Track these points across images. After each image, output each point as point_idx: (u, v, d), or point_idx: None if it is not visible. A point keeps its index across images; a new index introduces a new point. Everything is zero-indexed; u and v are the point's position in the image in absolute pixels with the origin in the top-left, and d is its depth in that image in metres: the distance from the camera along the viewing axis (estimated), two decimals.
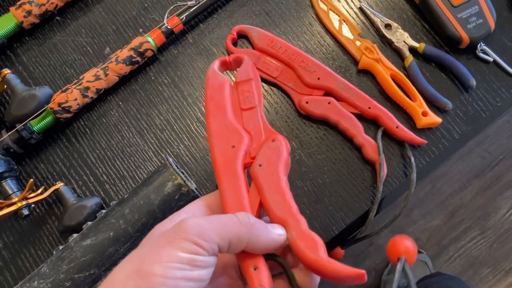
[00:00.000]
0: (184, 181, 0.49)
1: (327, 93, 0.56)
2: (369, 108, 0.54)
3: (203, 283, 0.31)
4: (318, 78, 0.55)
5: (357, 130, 0.54)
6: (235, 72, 0.57)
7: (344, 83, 0.55)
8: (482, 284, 1.38)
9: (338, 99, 0.55)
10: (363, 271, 0.31)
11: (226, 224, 0.32)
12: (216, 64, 0.45)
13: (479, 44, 0.58)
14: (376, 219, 0.55)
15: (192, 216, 0.37)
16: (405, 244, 0.47)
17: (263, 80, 0.58)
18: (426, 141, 0.55)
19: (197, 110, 0.57)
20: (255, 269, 0.33)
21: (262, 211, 0.39)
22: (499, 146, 1.46)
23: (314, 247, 0.33)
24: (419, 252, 1.35)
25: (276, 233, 0.34)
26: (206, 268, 0.31)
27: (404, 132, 0.54)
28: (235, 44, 0.59)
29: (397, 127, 0.54)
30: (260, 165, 0.39)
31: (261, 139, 0.41)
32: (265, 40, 0.57)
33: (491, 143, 1.46)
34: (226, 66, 0.47)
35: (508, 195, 1.43)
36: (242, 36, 0.59)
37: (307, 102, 0.55)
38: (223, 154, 0.39)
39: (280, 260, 0.35)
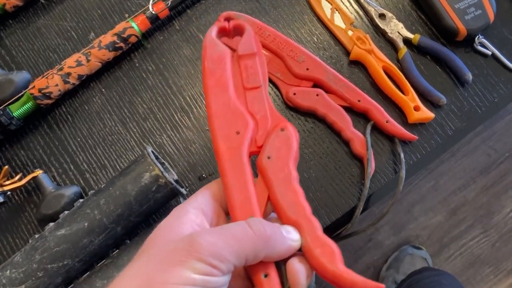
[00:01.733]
0: (162, 172, 0.47)
1: (316, 85, 0.54)
2: (359, 101, 0.52)
3: None
4: (307, 69, 0.53)
5: (346, 124, 0.52)
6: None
7: (334, 74, 0.53)
8: (483, 284, 1.35)
9: (327, 91, 0.53)
10: (383, 285, 0.29)
11: (241, 240, 0.29)
12: (213, 31, 0.40)
13: (477, 37, 0.55)
14: (366, 216, 0.53)
15: (202, 221, 0.33)
16: None
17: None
18: (417, 137, 0.53)
19: (182, 100, 0.55)
20: (265, 276, 0.31)
21: (269, 207, 0.36)
22: (506, 143, 1.42)
23: (331, 256, 0.31)
24: (419, 248, 1.33)
25: (292, 240, 0.32)
26: (223, 286, 0.29)
27: (395, 126, 0.52)
28: None
29: (387, 122, 0.52)
30: (269, 157, 0.36)
31: (268, 125, 0.37)
32: (254, 27, 0.55)
33: (497, 140, 1.43)
34: (224, 34, 0.42)
35: None
36: None
37: (294, 94, 0.53)
38: (227, 140, 0.36)
39: (281, 265, 0.32)
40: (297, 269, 0.31)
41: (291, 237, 0.32)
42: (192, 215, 0.33)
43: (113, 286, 0.29)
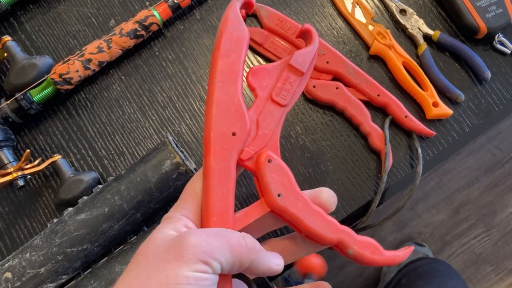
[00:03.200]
0: (183, 160, 0.47)
1: (336, 78, 0.54)
2: (378, 95, 0.53)
3: None
4: (327, 62, 0.53)
5: (364, 118, 0.52)
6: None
7: (354, 68, 0.53)
8: (484, 282, 1.36)
9: (347, 84, 0.53)
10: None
11: (235, 247, 0.30)
12: (239, 3, 0.36)
13: (497, 35, 0.55)
14: (379, 211, 0.53)
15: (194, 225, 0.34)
16: (313, 261, 0.48)
17: (270, 61, 0.56)
18: (435, 133, 0.53)
19: (201, 89, 0.56)
20: None
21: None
22: (511, 143, 1.43)
23: (376, 250, 0.36)
24: (421, 245, 1.33)
25: (275, 263, 0.34)
26: (212, 286, 0.30)
27: (413, 122, 0.52)
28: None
29: (405, 117, 0.52)
30: (279, 195, 0.35)
31: (261, 146, 0.35)
32: (275, 19, 0.55)
33: (502, 139, 1.43)
34: (247, 9, 0.39)
35: None
36: (251, 15, 0.57)
37: (314, 86, 0.53)
38: (221, 138, 0.34)
39: (248, 280, 0.34)
40: None
41: (275, 260, 0.34)
42: (183, 220, 0.33)
43: None
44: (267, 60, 0.56)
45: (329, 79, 0.54)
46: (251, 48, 0.56)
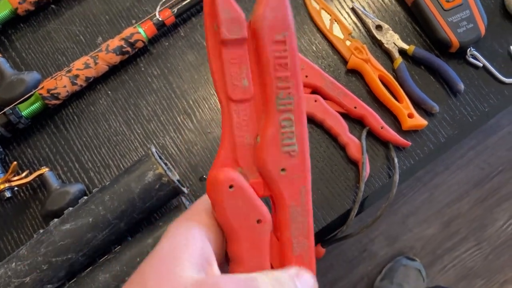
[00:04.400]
0: (165, 171, 0.49)
1: (315, 92, 0.56)
2: (355, 107, 0.55)
3: None
4: (306, 76, 0.55)
5: (342, 129, 0.54)
6: None
7: (332, 81, 0.55)
8: None
9: (325, 97, 0.55)
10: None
11: None
12: None
13: (469, 49, 0.58)
14: (360, 220, 0.55)
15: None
16: None
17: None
18: (410, 143, 0.55)
19: (185, 103, 0.57)
20: None
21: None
22: (499, 157, 1.45)
23: None
24: (413, 259, 1.34)
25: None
26: None
27: (389, 132, 0.54)
28: None
29: (382, 128, 0.54)
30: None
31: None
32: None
33: (490, 154, 1.45)
34: None
35: (506, 207, 1.42)
36: None
37: (231, 186, 0.42)
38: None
39: None
40: None
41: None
42: (199, 242, 0.27)
43: None
44: None
45: (308, 93, 0.56)
46: None
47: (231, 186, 0.28)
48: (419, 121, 0.55)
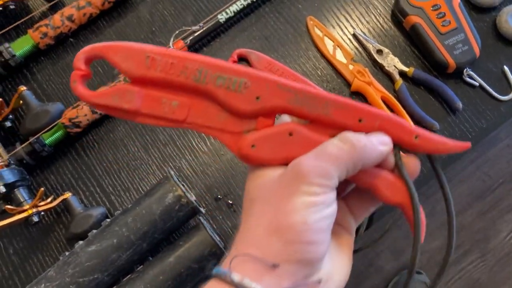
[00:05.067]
0: (184, 193, 0.52)
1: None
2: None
3: (335, 215, 0.31)
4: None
5: None
6: None
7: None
8: None
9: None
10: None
11: (340, 157, 0.30)
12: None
13: (465, 69, 0.61)
14: (365, 235, 0.57)
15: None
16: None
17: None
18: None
19: None
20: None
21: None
22: (499, 170, 1.48)
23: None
24: (419, 273, 1.36)
25: (383, 145, 0.32)
26: (334, 201, 0.31)
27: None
28: None
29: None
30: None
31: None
32: (264, 63, 0.60)
33: (491, 166, 1.48)
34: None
35: (508, 218, 1.45)
36: (243, 59, 0.63)
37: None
38: None
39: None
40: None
41: (381, 140, 0.32)
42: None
43: (242, 234, 0.32)
44: None
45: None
46: None
47: (253, 146, 0.33)
48: None
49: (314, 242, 0.30)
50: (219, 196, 0.58)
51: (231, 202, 0.58)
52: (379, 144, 0.32)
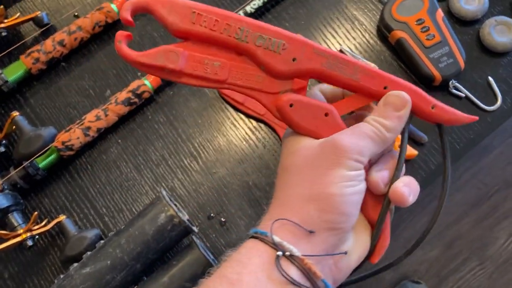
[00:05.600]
0: (176, 213, 0.52)
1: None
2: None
3: (364, 192, 0.35)
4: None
5: None
6: None
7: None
8: None
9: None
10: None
11: (375, 138, 0.35)
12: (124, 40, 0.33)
13: (451, 82, 0.62)
14: None
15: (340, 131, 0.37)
16: None
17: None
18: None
19: (190, 146, 0.62)
20: None
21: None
22: (494, 177, 1.49)
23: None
24: (418, 283, 1.36)
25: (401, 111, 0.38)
26: (364, 179, 0.35)
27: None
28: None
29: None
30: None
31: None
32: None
33: (486, 174, 1.49)
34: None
35: (505, 225, 1.45)
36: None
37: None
38: None
39: None
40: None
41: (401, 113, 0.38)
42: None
43: (279, 200, 0.35)
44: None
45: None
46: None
47: (291, 105, 0.35)
48: (410, 151, 0.59)
49: (347, 214, 0.33)
50: (212, 215, 0.59)
51: (224, 220, 0.58)
52: (398, 109, 0.37)
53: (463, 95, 0.62)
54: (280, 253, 0.31)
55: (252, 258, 0.32)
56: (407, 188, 0.37)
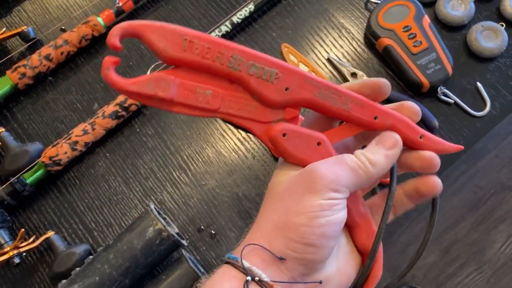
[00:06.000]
0: (164, 226, 0.52)
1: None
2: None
3: (342, 224, 0.33)
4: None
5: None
6: None
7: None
8: None
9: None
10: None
11: (356, 173, 0.34)
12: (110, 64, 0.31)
13: (440, 88, 0.62)
14: None
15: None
16: None
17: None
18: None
19: (179, 158, 0.61)
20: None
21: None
22: (490, 180, 1.48)
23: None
24: None
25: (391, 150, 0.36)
26: (343, 209, 0.33)
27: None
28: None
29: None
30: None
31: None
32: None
33: (481, 178, 1.49)
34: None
35: (502, 228, 1.45)
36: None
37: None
38: None
39: None
40: None
41: (390, 154, 0.36)
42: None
43: (255, 225, 0.35)
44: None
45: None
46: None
47: (284, 134, 0.35)
48: None
49: (316, 245, 0.32)
50: (202, 227, 0.58)
51: (214, 232, 0.58)
52: (387, 148, 0.36)
53: (452, 101, 0.62)
54: (249, 278, 0.31)
55: (223, 283, 0.32)
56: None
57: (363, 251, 0.38)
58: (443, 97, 0.62)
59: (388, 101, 0.62)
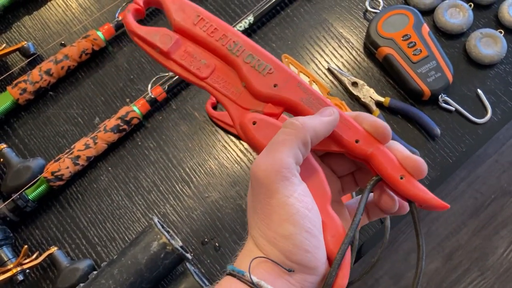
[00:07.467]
0: (169, 240, 0.52)
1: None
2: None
3: (316, 216, 0.31)
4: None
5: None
6: None
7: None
8: None
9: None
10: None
11: (289, 139, 0.32)
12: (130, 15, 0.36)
13: (440, 96, 0.62)
14: (360, 265, 0.57)
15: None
16: None
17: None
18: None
19: (182, 171, 0.61)
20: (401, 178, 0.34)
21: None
22: (490, 186, 1.48)
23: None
24: None
25: (328, 115, 0.34)
26: (301, 183, 0.31)
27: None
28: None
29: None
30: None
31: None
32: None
33: (482, 183, 1.49)
34: (139, 16, 0.38)
35: (504, 234, 1.44)
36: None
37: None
38: None
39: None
40: None
41: (328, 112, 0.34)
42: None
43: (249, 241, 0.33)
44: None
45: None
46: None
47: (254, 123, 0.35)
48: None
49: (308, 250, 0.31)
50: (205, 240, 0.58)
51: (218, 244, 0.57)
52: (323, 116, 0.34)
53: (453, 108, 0.62)
54: None
55: None
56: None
57: (329, 256, 0.34)
58: (444, 105, 0.62)
59: (390, 110, 0.62)
